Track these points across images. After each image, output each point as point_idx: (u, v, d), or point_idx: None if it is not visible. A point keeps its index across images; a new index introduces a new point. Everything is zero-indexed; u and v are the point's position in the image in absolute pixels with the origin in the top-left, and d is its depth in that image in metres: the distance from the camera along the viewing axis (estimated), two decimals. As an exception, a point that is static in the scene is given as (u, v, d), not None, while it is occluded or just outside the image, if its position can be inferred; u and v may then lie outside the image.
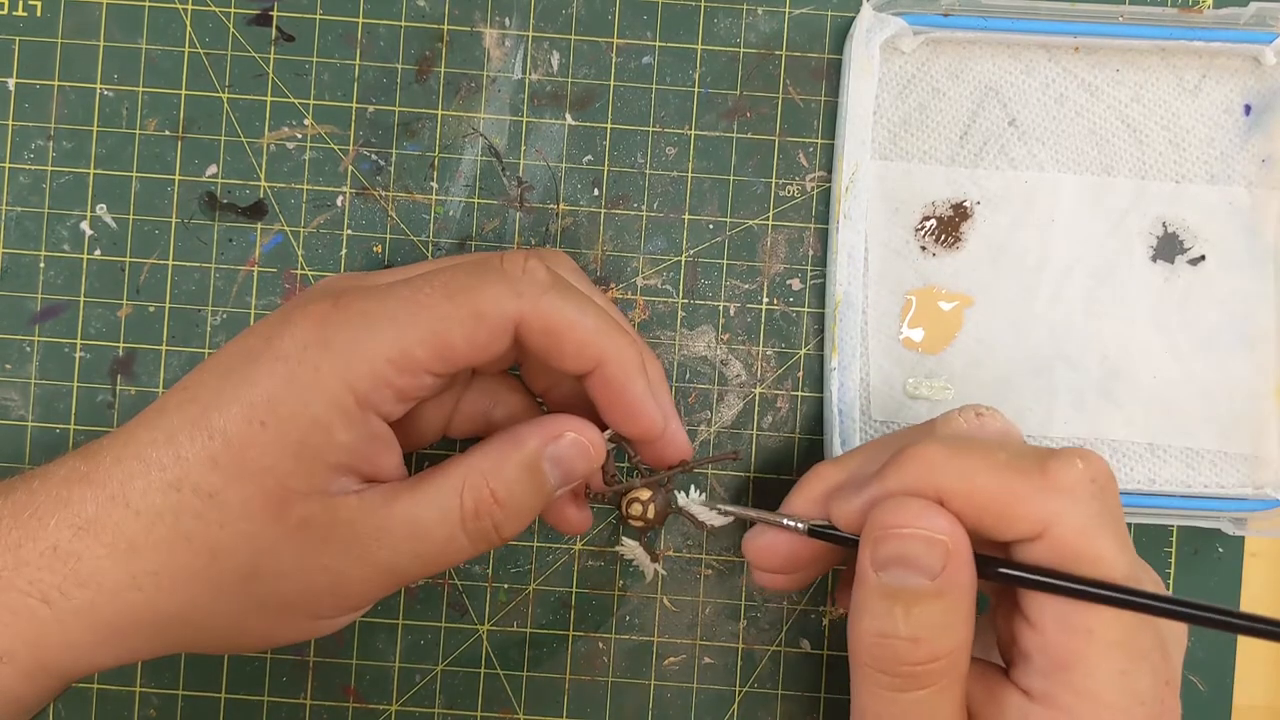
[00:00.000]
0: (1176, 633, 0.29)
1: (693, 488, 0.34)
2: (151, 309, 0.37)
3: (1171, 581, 0.38)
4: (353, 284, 0.31)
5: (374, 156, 0.37)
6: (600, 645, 0.38)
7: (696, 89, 0.38)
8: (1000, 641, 0.29)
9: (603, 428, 0.31)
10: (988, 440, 0.29)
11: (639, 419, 0.31)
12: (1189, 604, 0.26)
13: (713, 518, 0.33)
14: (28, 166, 0.37)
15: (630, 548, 0.35)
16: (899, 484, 0.27)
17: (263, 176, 0.37)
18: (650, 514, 0.33)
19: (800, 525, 0.30)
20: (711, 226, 0.38)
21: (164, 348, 0.37)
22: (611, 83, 0.38)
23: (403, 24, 0.37)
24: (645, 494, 0.33)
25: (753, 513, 0.32)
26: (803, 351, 0.38)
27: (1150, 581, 0.28)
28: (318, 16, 0.37)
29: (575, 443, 0.30)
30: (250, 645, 0.30)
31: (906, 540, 0.27)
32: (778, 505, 0.33)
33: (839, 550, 0.30)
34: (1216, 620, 0.26)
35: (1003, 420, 0.30)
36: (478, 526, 0.29)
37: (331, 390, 0.27)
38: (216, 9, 0.37)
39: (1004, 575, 0.27)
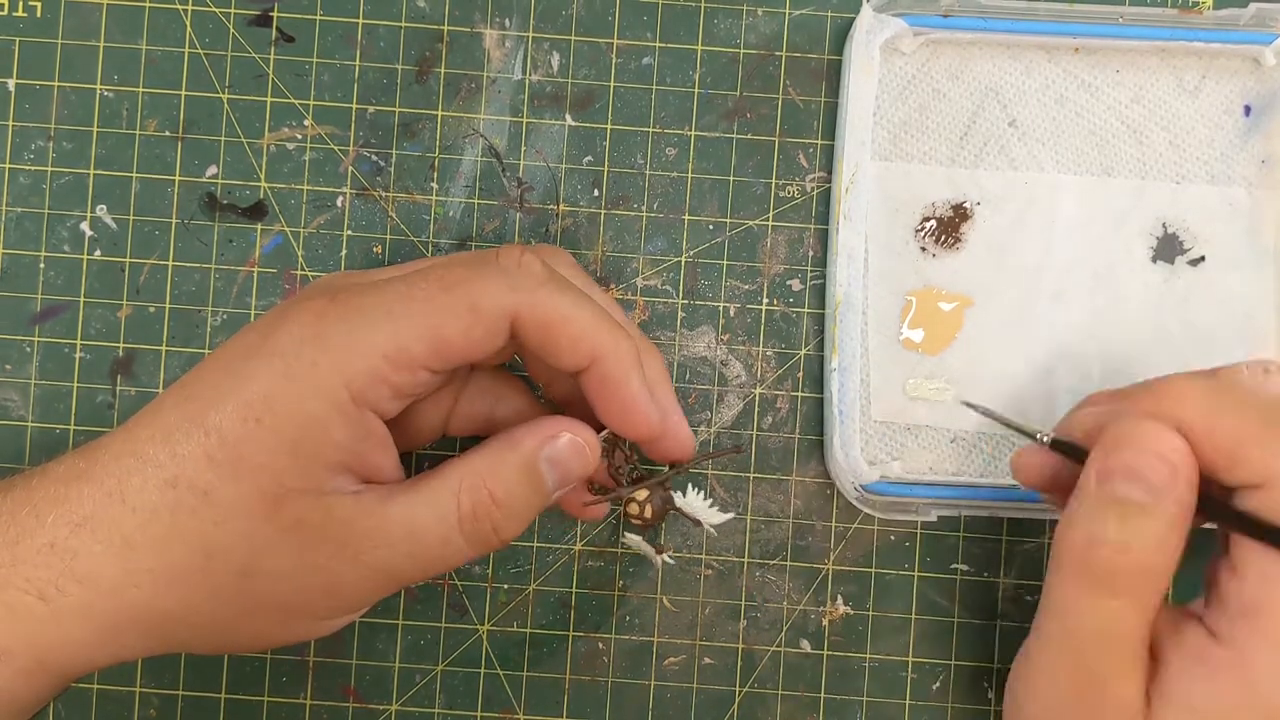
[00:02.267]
0: None
1: (690, 487, 0.34)
2: (151, 309, 0.37)
3: (1171, 582, 0.38)
4: (350, 281, 0.31)
5: (374, 157, 0.37)
6: (600, 645, 0.38)
7: (696, 90, 0.38)
8: (1205, 583, 0.30)
9: (599, 427, 0.31)
10: (1245, 388, 0.29)
11: (634, 417, 0.30)
12: None
13: (711, 516, 0.33)
14: (28, 167, 0.37)
15: (635, 542, 0.35)
16: (1144, 406, 0.28)
17: (263, 177, 0.37)
18: (648, 513, 0.33)
19: (1045, 438, 0.31)
20: (711, 227, 0.38)
21: (164, 348, 0.37)
22: (611, 83, 0.38)
23: (403, 25, 0.37)
24: (643, 494, 0.33)
25: (1001, 416, 0.33)
26: (803, 352, 0.38)
27: None
28: (318, 17, 0.37)
29: (572, 443, 0.30)
30: (246, 646, 0.30)
31: (1136, 455, 0.28)
32: (776, 510, 0.33)
33: None
34: None
35: None
36: (475, 529, 0.29)
37: (328, 387, 0.27)
38: (216, 9, 0.37)
39: (1222, 514, 0.28)
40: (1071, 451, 0.31)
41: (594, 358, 0.29)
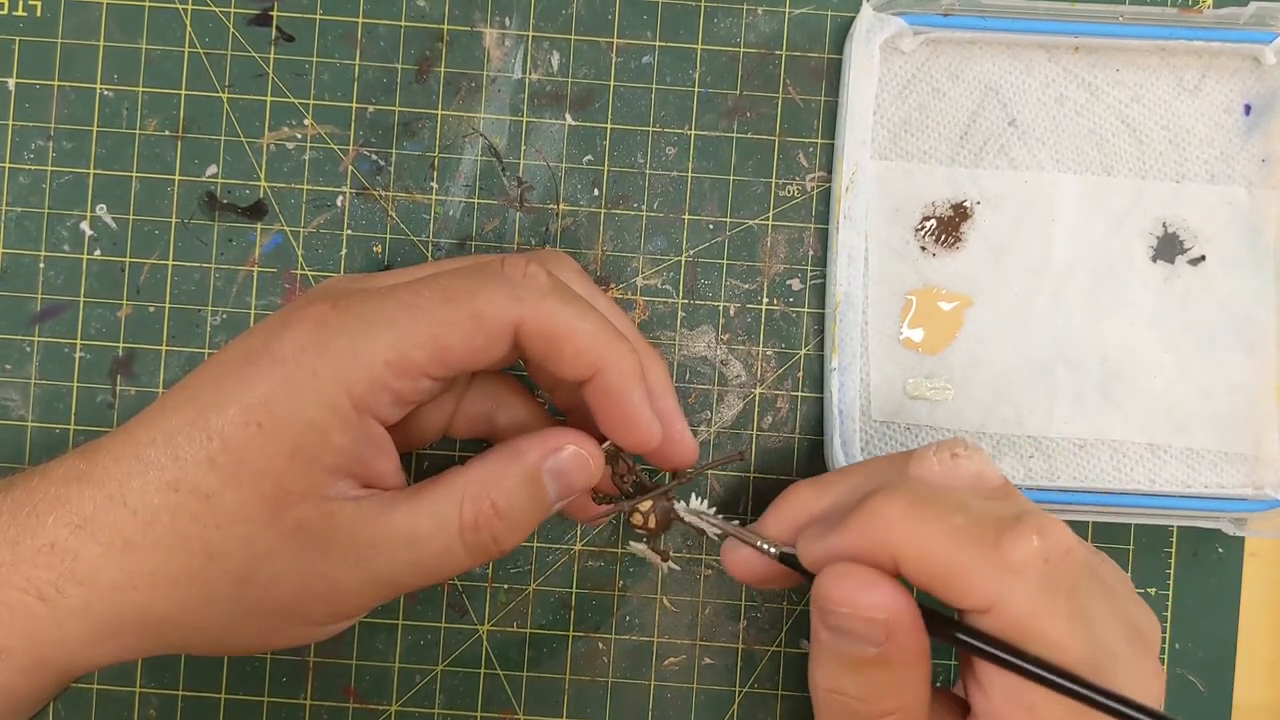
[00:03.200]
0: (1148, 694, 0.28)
1: (693, 495, 0.34)
2: (151, 309, 0.37)
3: (1171, 582, 0.38)
4: (353, 286, 0.31)
5: (374, 156, 0.37)
6: (600, 645, 0.38)
7: (696, 89, 0.38)
8: (965, 685, 0.29)
9: (602, 437, 0.31)
10: (951, 499, 0.28)
11: (634, 429, 0.30)
12: (1119, 699, 0.25)
13: (716, 524, 0.33)
14: (28, 166, 0.37)
15: (639, 550, 0.35)
16: (855, 540, 0.27)
17: (263, 176, 0.37)
18: (651, 523, 0.33)
19: (772, 550, 0.31)
20: (711, 226, 0.38)
21: (164, 348, 0.37)
22: (611, 83, 0.38)
23: (403, 24, 0.37)
24: (646, 504, 0.33)
25: (732, 530, 0.32)
26: (803, 351, 0.38)
27: (1131, 653, 0.28)
28: (318, 16, 0.37)
29: (575, 455, 0.30)
30: (245, 648, 0.30)
31: (849, 614, 0.27)
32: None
33: None
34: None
35: (979, 461, 0.29)
36: (476, 538, 0.29)
37: (328, 393, 0.27)
38: (216, 9, 0.37)
39: (956, 640, 0.27)
40: (798, 569, 0.30)
41: (596, 369, 0.29)
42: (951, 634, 0.27)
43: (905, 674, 0.27)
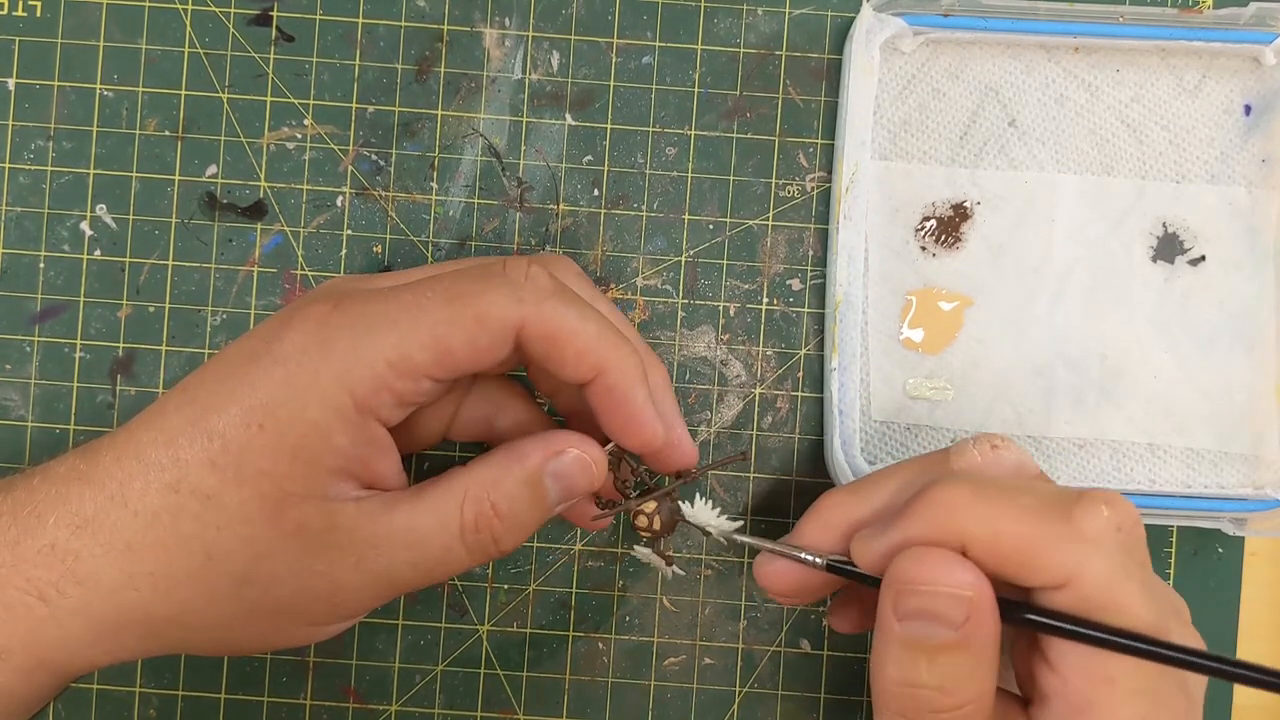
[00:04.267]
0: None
1: (696, 495, 0.34)
2: (151, 309, 0.37)
3: (1171, 583, 0.38)
4: (354, 287, 0.31)
5: (374, 156, 0.37)
6: (600, 645, 0.38)
7: (696, 89, 0.38)
8: (1018, 676, 0.29)
9: (604, 440, 0.31)
10: (1012, 483, 0.28)
11: (639, 430, 0.30)
12: (1213, 657, 0.25)
13: (721, 524, 0.33)
14: (28, 166, 0.37)
15: (644, 555, 0.35)
16: (922, 530, 0.27)
17: (263, 176, 0.37)
18: (656, 525, 0.33)
19: (819, 560, 0.30)
20: (711, 226, 0.38)
21: (164, 348, 0.37)
22: (611, 83, 0.38)
23: (403, 24, 0.37)
24: (650, 505, 0.33)
25: (770, 544, 0.31)
26: (803, 352, 0.38)
27: (1178, 623, 0.28)
28: (318, 16, 0.37)
29: (578, 459, 0.30)
30: (245, 649, 0.30)
31: (929, 596, 0.26)
32: (777, 510, 0.33)
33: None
34: (1238, 675, 0.26)
35: (1017, 452, 0.30)
36: (476, 539, 0.29)
37: (330, 394, 0.27)
38: (216, 9, 0.37)
39: (1030, 622, 0.27)
40: (851, 574, 0.30)
41: (599, 371, 0.29)
42: (1021, 616, 0.27)
43: (981, 660, 0.27)
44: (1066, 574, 0.26)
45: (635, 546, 0.35)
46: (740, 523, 0.34)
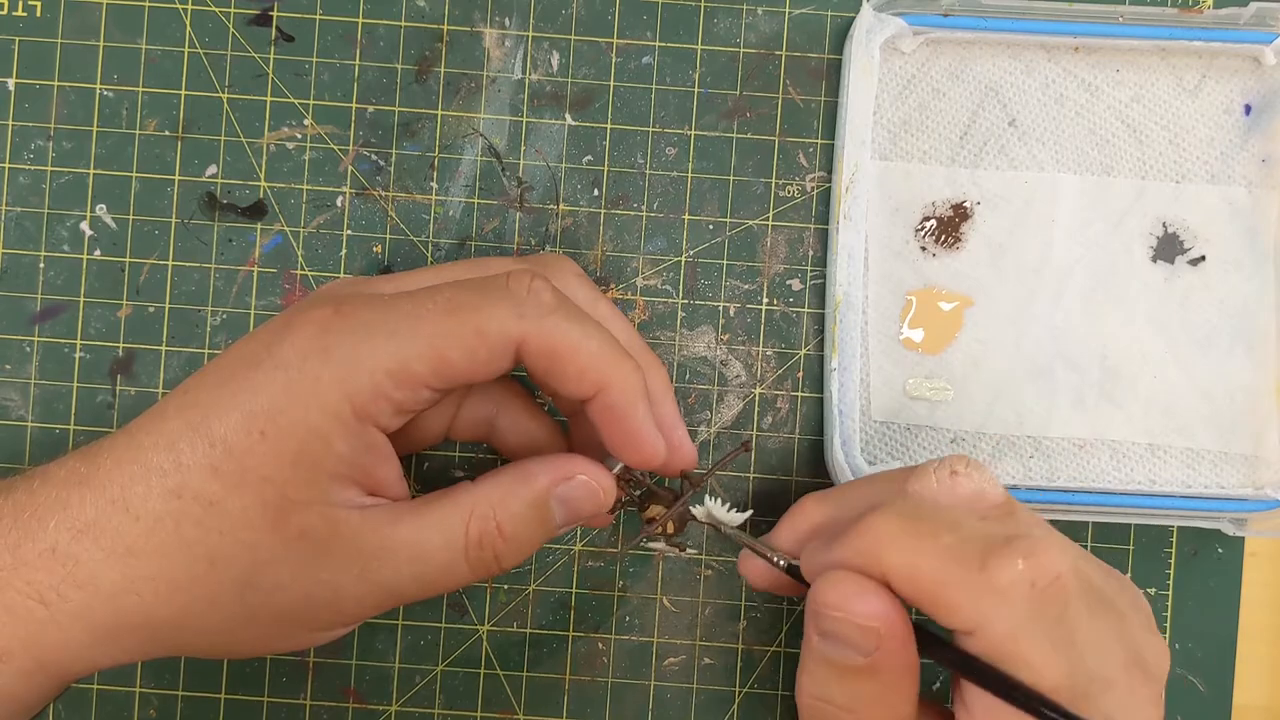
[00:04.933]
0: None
1: (706, 497, 0.34)
2: (151, 309, 0.37)
3: (1171, 582, 0.38)
4: (355, 291, 0.31)
5: (374, 156, 0.37)
6: (600, 645, 0.38)
7: (696, 89, 0.38)
8: (951, 692, 0.30)
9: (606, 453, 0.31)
10: (941, 518, 0.28)
11: (639, 448, 0.30)
12: None
13: (732, 519, 0.33)
14: (28, 166, 0.37)
15: (657, 546, 0.35)
16: (850, 555, 0.27)
17: (263, 176, 0.37)
18: (669, 528, 0.33)
19: (780, 562, 0.31)
20: (711, 226, 0.38)
21: (164, 348, 0.37)
22: (611, 83, 0.38)
23: (403, 24, 0.37)
24: (660, 512, 0.33)
25: (745, 540, 0.32)
26: (803, 352, 0.38)
27: (1133, 676, 0.27)
28: (318, 16, 0.37)
29: (584, 485, 0.30)
30: (245, 652, 0.30)
31: (839, 622, 0.27)
32: (777, 510, 0.33)
33: None
34: None
35: (979, 479, 0.30)
36: (480, 556, 0.29)
37: (330, 401, 0.27)
38: (216, 9, 0.37)
39: (941, 658, 0.27)
40: (801, 580, 0.30)
41: (600, 388, 0.29)
42: (937, 653, 0.27)
43: (892, 686, 0.27)
44: (974, 622, 0.26)
45: (648, 542, 0.35)
46: (750, 512, 0.34)
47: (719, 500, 0.33)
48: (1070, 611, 0.27)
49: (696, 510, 0.33)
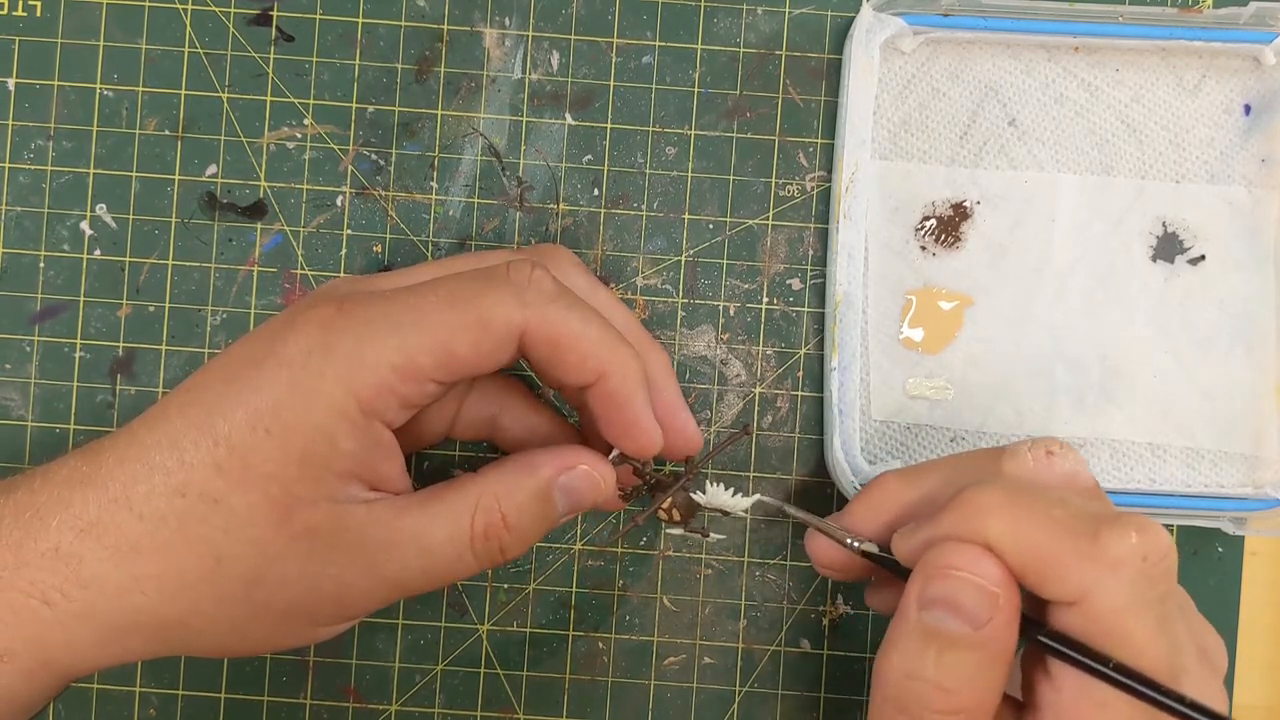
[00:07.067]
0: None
1: (708, 483, 0.34)
2: (151, 309, 0.37)
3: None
4: (357, 288, 0.31)
5: (374, 156, 0.37)
6: (600, 645, 0.38)
7: (696, 89, 0.38)
8: (1024, 680, 0.29)
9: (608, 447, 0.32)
10: (1049, 491, 0.28)
11: (637, 435, 0.31)
12: (1202, 709, 0.25)
13: (738, 503, 0.33)
14: (28, 166, 0.37)
15: (678, 531, 0.35)
16: (952, 528, 0.27)
17: (263, 176, 0.37)
18: (676, 516, 0.33)
19: (857, 544, 0.31)
20: (711, 226, 0.38)
21: (164, 348, 0.37)
22: (611, 83, 0.38)
23: (403, 24, 0.37)
24: (666, 501, 0.33)
25: (815, 522, 0.32)
26: (803, 351, 0.38)
27: (1198, 664, 0.27)
28: (318, 16, 0.37)
29: (587, 475, 0.30)
30: (249, 650, 0.30)
31: (959, 583, 0.26)
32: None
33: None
34: None
35: (1073, 460, 0.29)
36: (485, 547, 0.29)
37: (335, 398, 0.27)
38: (216, 9, 0.37)
39: (1041, 643, 0.26)
40: (884, 563, 0.30)
41: (600, 375, 0.29)
42: (1035, 635, 0.27)
43: (990, 665, 0.26)
44: (1080, 592, 0.26)
45: (665, 529, 0.35)
46: (755, 497, 0.34)
47: (721, 485, 0.33)
48: (1170, 593, 0.27)
49: (699, 496, 0.33)
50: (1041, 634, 0.26)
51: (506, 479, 0.30)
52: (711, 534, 0.35)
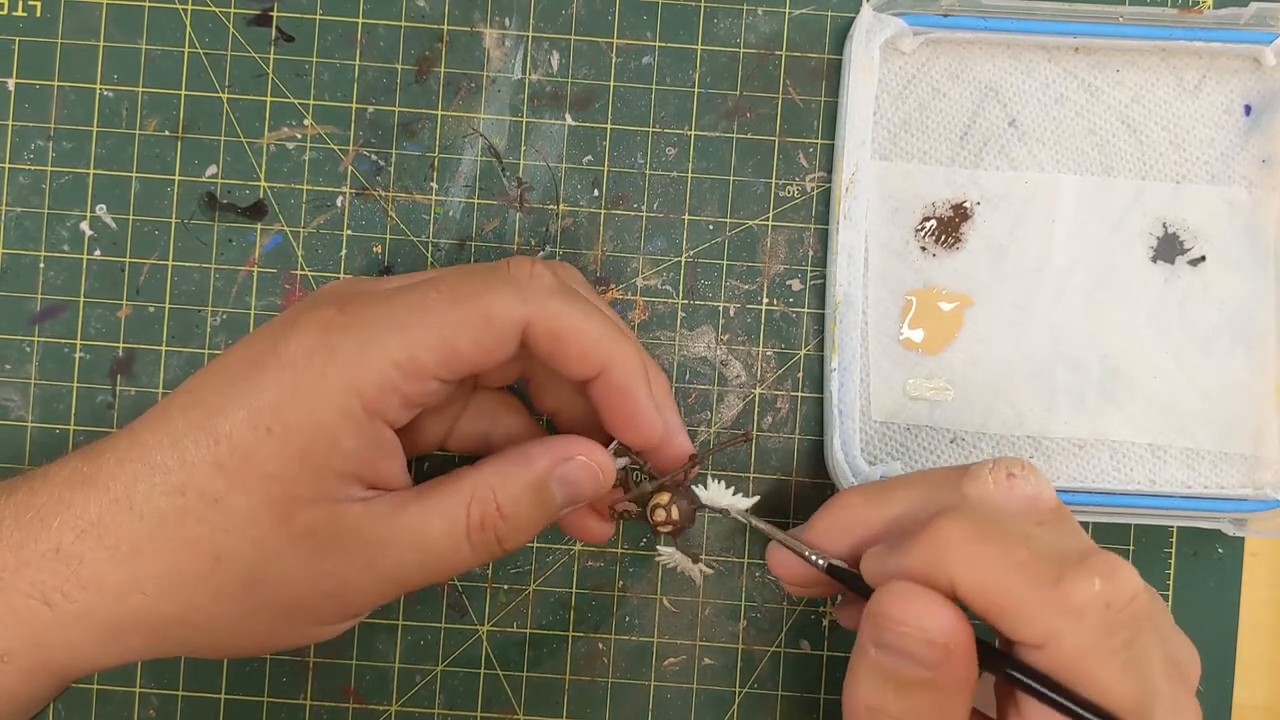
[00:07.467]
0: None
1: (709, 480, 0.34)
2: (151, 309, 0.37)
3: (1171, 582, 0.38)
4: (358, 289, 0.31)
5: (374, 157, 0.37)
6: (600, 646, 0.38)
7: (696, 89, 0.38)
8: (997, 705, 0.29)
9: (606, 442, 0.31)
10: (1012, 530, 0.27)
11: (640, 426, 0.31)
12: None
13: (738, 503, 0.33)
14: (28, 166, 0.37)
15: (668, 554, 0.34)
16: (916, 563, 0.27)
17: (263, 176, 0.37)
18: (675, 515, 0.33)
19: (820, 562, 0.31)
20: (711, 227, 0.38)
21: (164, 348, 0.37)
22: (611, 83, 0.38)
23: (403, 24, 0.37)
24: (665, 497, 0.33)
25: (779, 536, 0.32)
26: (803, 352, 0.38)
27: (1175, 684, 0.27)
28: (318, 16, 0.37)
29: (584, 465, 0.30)
30: (250, 649, 0.30)
31: (908, 633, 0.26)
32: (776, 511, 0.32)
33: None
34: None
35: (1034, 482, 0.29)
36: (482, 538, 0.29)
37: (337, 397, 0.27)
38: (216, 9, 0.37)
39: (1009, 676, 0.27)
40: (845, 579, 0.30)
41: (603, 367, 0.30)
42: (1000, 666, 0.27)
43: (951, 700, 0.27)
44: (1045, 637, 0.26)
45: (659, 548, 0.34)
46: (756, 499, 0.34)
47: (722, 484, 0.33)
48: (1140, 632, 0.26)
49: (700, 492, 0.33)
50: (1008, 667, 0.26)
51: (503, 470, 0.30)
52: (701, 561, 0.34)
